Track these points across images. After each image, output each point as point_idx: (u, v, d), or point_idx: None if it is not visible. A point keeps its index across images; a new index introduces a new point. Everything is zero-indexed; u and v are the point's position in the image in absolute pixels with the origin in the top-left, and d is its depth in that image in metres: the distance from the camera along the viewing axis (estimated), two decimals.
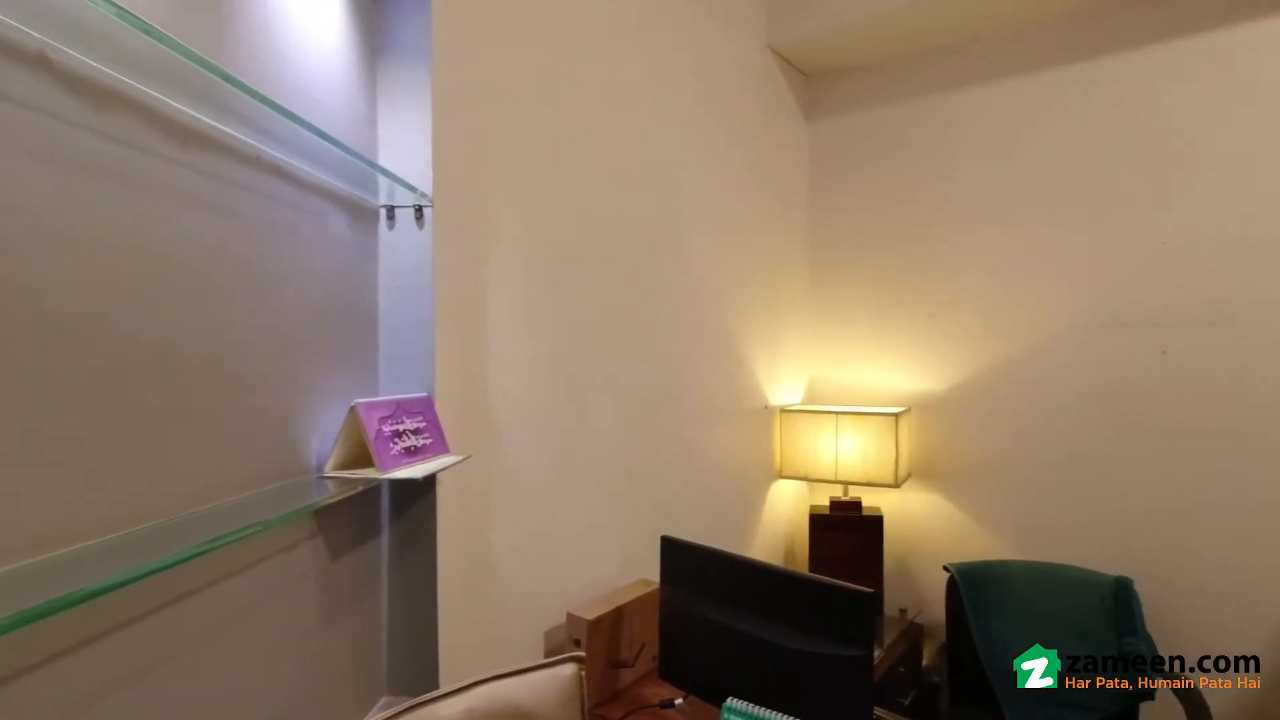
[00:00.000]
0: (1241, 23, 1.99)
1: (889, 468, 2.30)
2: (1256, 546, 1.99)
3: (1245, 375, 2.00)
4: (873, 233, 2.62)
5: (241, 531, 0.90)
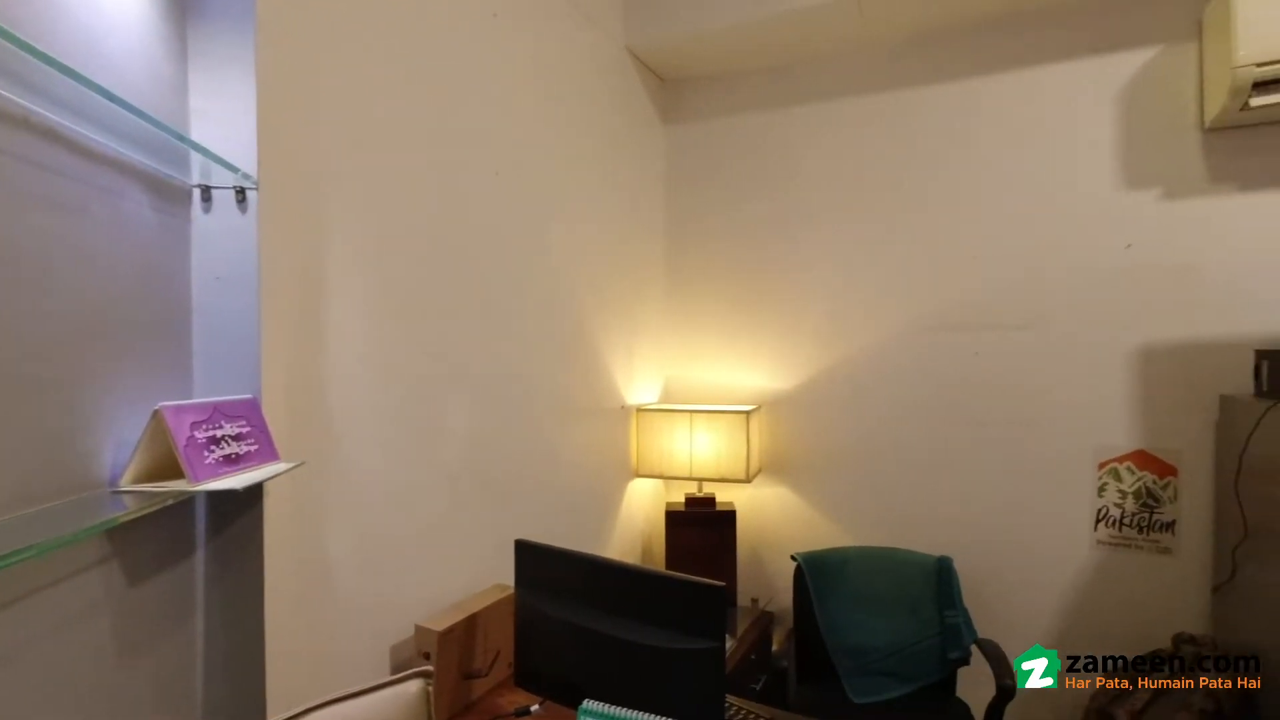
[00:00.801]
0: (1029, 67, 2.27)
1: (741, 464, 2.39)
2: (1052, 523, 2.26)
3: (1040, 374, 2.27)
4: (726, 237, 2.72)
5: (7, 558, 0.76)
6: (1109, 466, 2.18)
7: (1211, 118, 2.00)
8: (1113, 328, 2.17)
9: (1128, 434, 2.16)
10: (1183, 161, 2.10)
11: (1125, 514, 2.16)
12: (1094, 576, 2.21)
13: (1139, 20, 2.13)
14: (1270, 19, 1.79)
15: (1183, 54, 2.09)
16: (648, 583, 1.42)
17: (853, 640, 2.21)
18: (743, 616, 2.40)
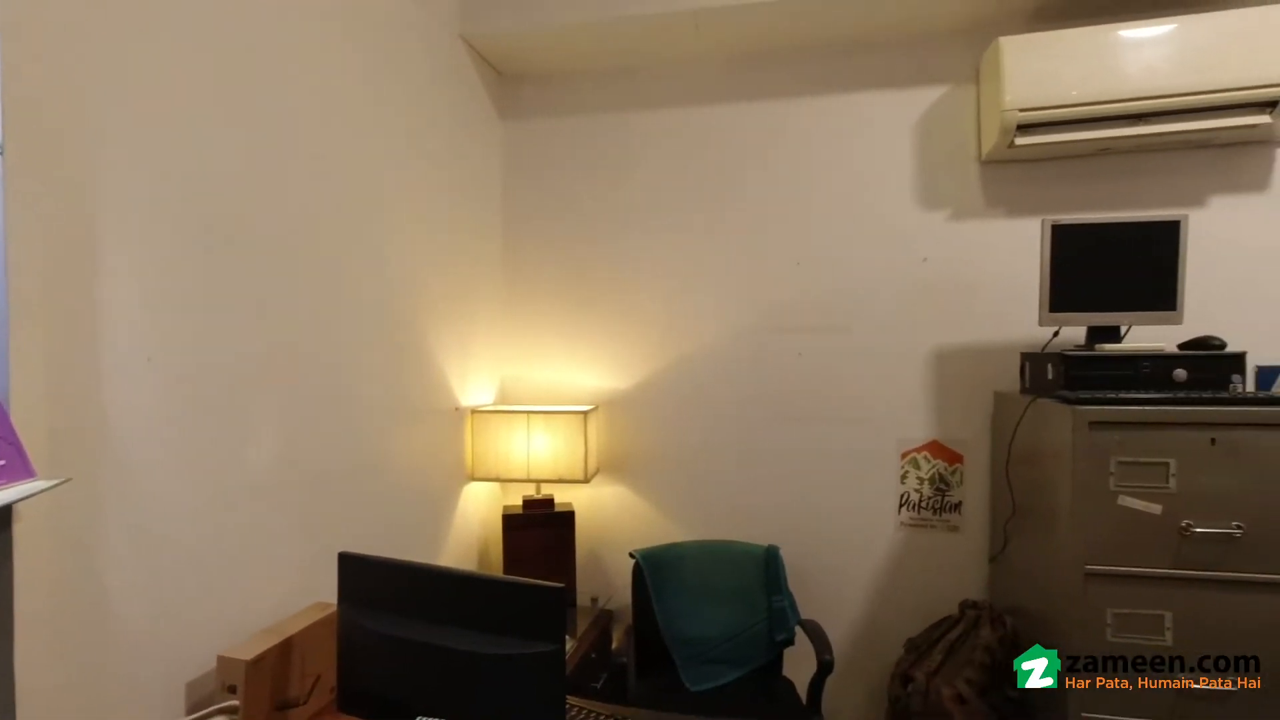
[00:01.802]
0: (846, 93, 2.48)
1: (579, 464, 2.38)
2: (864, 509, 2.48)
3: (854, 373, 2.48)
4: (565, 237, 2.70)
5: None
6: (910, 456, 2.44)
7: (986, 151, 2.30)
8: (912, 332, 2.43)
9: (925, 427, 2.43)
10: (965, 188, 2.40)
11: (923, 498, 2.43)
12: (898, 555, 2.45)
13: (930, 61, 2.41)
14: (1031, 73, 2.09)
15: (965, 94, 2.39)
16: (484, 589, 1.36)
17: (689, 631, 2.28)
18: (582, 616, 2.39)
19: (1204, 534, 1.69)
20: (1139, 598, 1.73)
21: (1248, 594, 1.68)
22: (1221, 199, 2.23)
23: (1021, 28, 2.25)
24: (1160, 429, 1.73)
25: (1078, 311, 1.98)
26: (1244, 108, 2.01)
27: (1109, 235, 1.97)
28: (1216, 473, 1.69)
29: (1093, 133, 2.10)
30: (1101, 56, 2.05)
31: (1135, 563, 1.73)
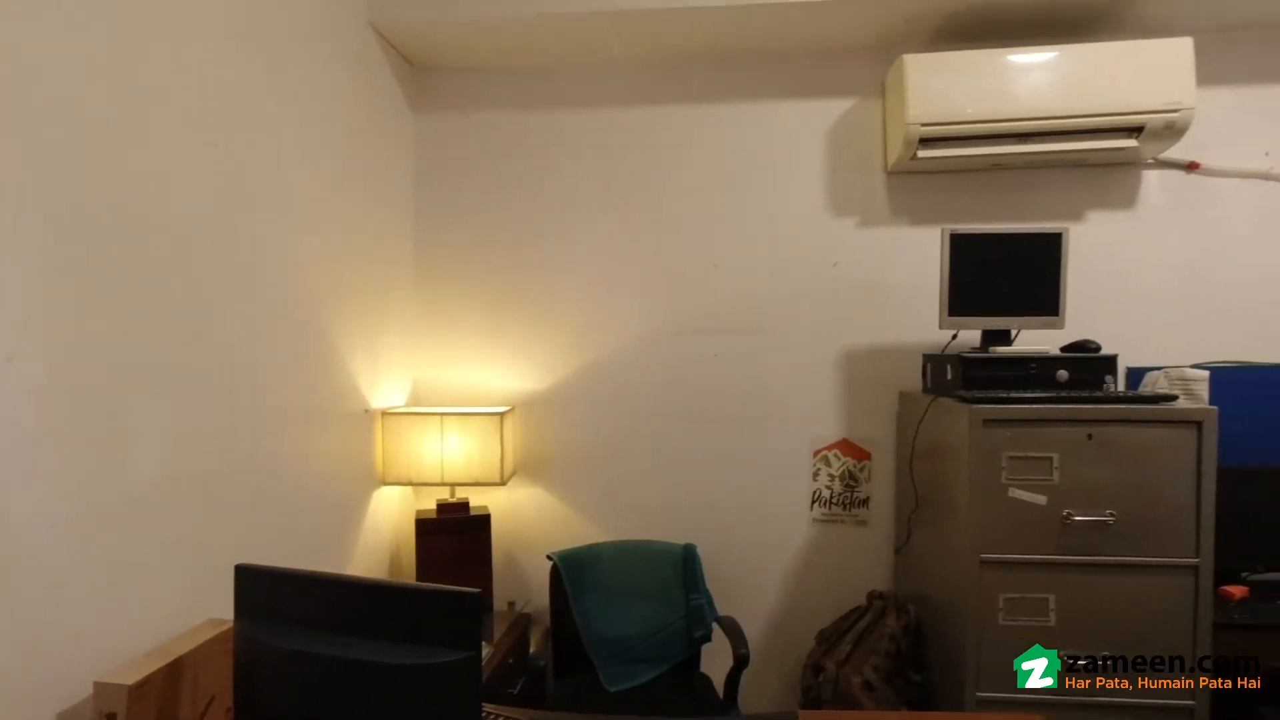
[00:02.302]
0: (762, 100, 2.54)
1: (495, 466, 2.33)
2: (778, 507, 2.54)
3: (768, 374, 2.54)
4: (482, 235, 2.64)
5: None
6: (821, 454, 2.52)
7: (892, 162, 2.42)
8: (824, 334, 2.52)
9: (835, 425, 2.52)
10: (873, 196, 2.51)
11: (833, 494, 2.52)
12: (811, 550, 2.53)
13: (840, 74, 2.50)
14: (932, 90, 2.21)
15: (872, 107, 2.50)
16: (395, 597, 1.31)
17: (608, 631, 2.27)
18: (499, 621, 2.34)
19: (1082, 522, 1.83)
20: (1027, 582, 1.86)
21: (1118, 575, 1.83)
22: (1097, 214, 2.43)
23: (924, 47, 2.37)
24: (1045, 426, 1.86)
25: (974, 316, 2.11)
26: (1114, 132, 2.19)
27: (1001, 245, 2.11)
28: (1092, 465, 1.84)
29: (986, 149, 2.24)
30: (994, 78, 2.19)
31: (1023, 550, 1.86)
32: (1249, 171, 2.38)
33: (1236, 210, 2.39)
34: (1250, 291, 2.39)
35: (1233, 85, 2.37)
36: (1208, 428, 1.80)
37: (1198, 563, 1.81)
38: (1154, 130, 2.16)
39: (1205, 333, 2.39)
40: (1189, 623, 1.81)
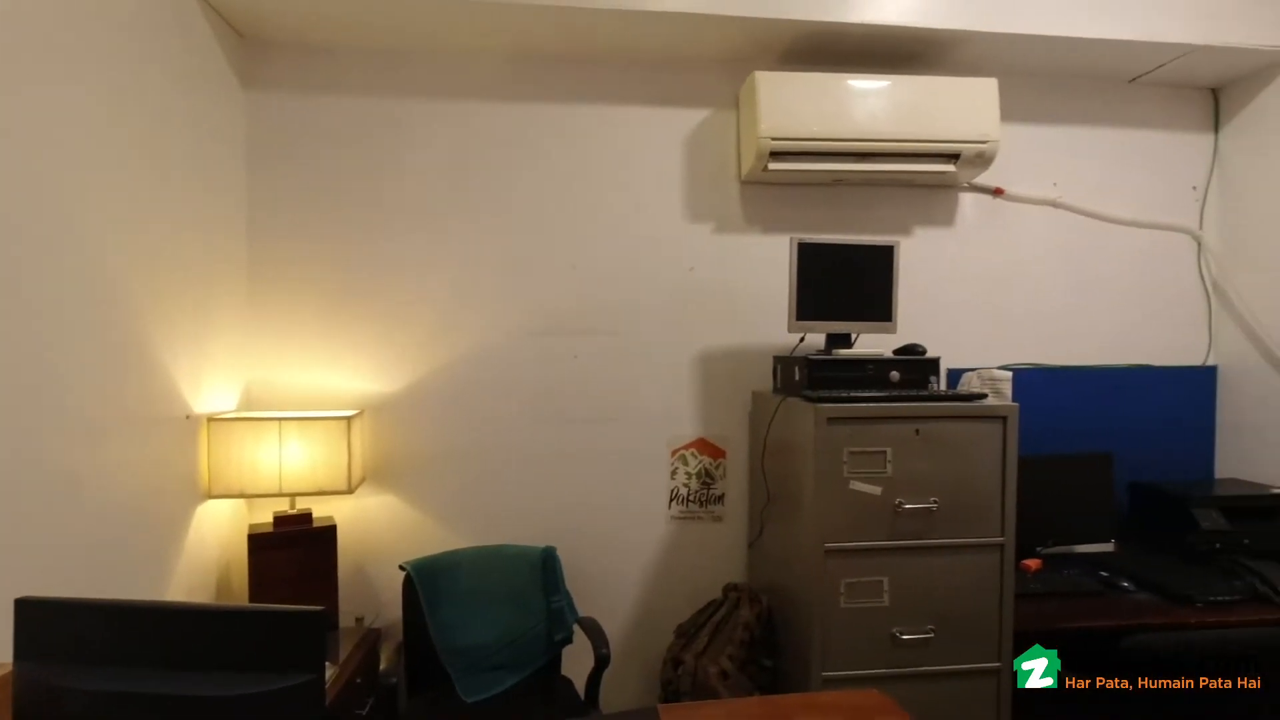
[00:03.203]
0: (623, 105, 2.56)
1: (342, 474, 2.18)
2: (637, 506, 2.58)
3: (627, 375, 2.57)
4: (327, 228, 2.45)
5: None
6: (679, 453, 2.59)
7: (745, 172, 2.53)
8: (681, 336, 2.59)
9: (692, 425, 2.60)
10: (728, 204, 2.62)
11: (690, 492, 2.60)
12: (669, 547, 2.59)
13: (697, 85, 2.59)
14: (782, 106, 2.34)
15: (727, 118, 2.61)
16: (223, 622, 1.18)
17: (465, 641, 2.19)
18: (346, 639, 2.19)
19: (911, 510, 2.01)
20: (864, 567, 2.01)
21: (941, 556, 2.03)
22: (923, 230, 2.69)
23: (774, 65, 2.51)
24: (880, 422, 2.02)
25: (819, 320, 2.25)
26: (936, 157, 2.43)
27: (843, 255, 2.27)
28: (920, 458, 2.03)
29: (829, 165, 2.41)
30: (836, 100, 2.36)
31: (862, 538, 2.01)
32: (1041, 199, 2.74)
33: (1032, 232, 2.75)
34: (1042, 302, 2.76)
35: (1029, 123, 2.72)
36: (1011, 422, 2.04)
37: (1003, 541, 2.05)
38: (968, 158, 2.42)
39: (1009, 337, 2.73)
40: (996, 594, 2.04)
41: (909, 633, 2.01)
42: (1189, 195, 2.86)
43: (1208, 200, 2.86)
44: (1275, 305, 2.65)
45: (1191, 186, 2.86)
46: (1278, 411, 2.63)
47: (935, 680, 2.02)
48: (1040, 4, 2.38)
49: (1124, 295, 2.81)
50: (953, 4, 2.34)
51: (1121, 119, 2.81)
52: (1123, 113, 2.80)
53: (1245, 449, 2.75)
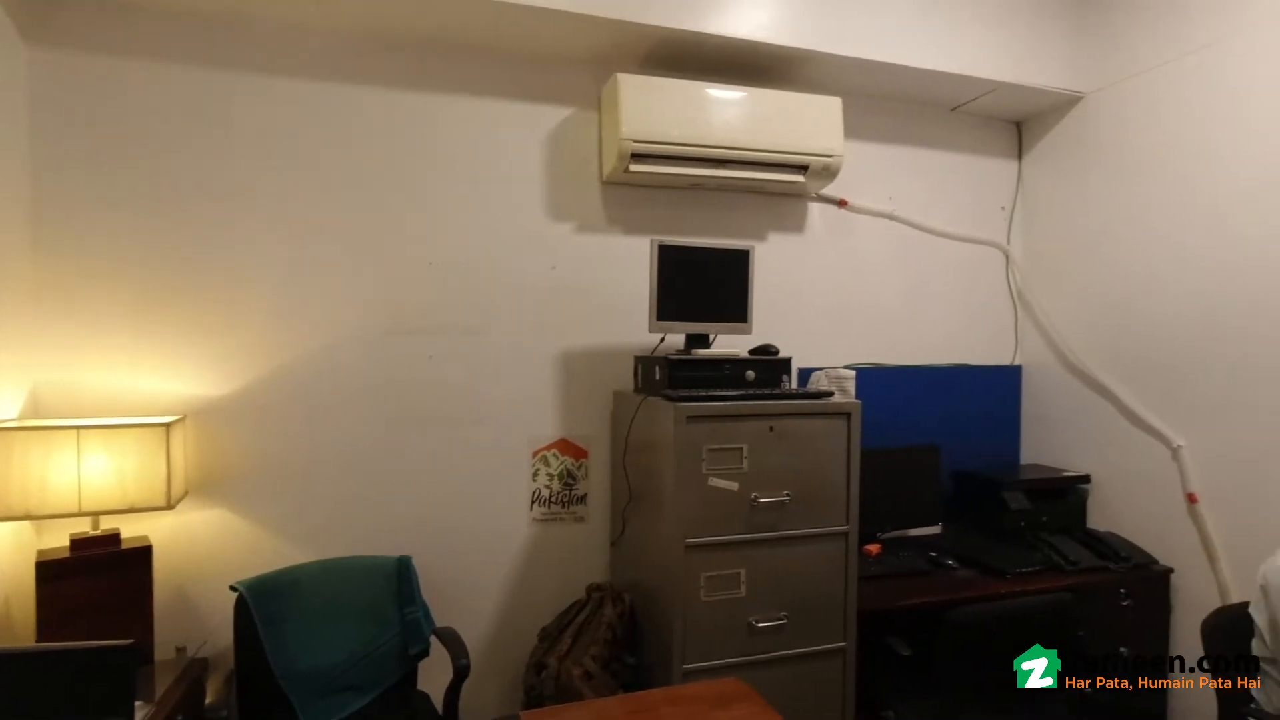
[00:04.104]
0: (482, 97, 2.48)
1: (159, 488, 1.93)
2: (498, 509, 2.50)
3: (486, 375, 2.49)
4: (138, 209, 2.16)
5: None
6: (541, 454, 2.55)
7: (607, 173, 2.54)
8: (542, 335, 2.55)
9: (554, 425, 2.56)
10: (589, 204, 2.61)
11: (553, 493, 2.56)
12: (532, 550, 2.54)
13: (561, 83, 2.56)
14: (643, 110, 2.37)
15: (590, 118, 2.60)
16: (6, 668, 1.01)
17: (309, 663, 2.02)
18: (164, 673, 1.94)
19: (766, 503, 2.10)
20: (723, 560, 2.08)
21: (793, 546, 2.14)
22: (776, 236, 2.83)
23: (636, 68, 2.54)
24: (737, 420, 2.09)
25: (679, 321, 2.30)
26: (787, 167, 2.57)
27: (701, 257, 2.33)
28: (773, 453, 2.12)
29: (688, 169, 2.46)
30: (696, 107, 2.43)
31: (720, 532, 2.07)
32: (879, 211, 2.98)
33: (872, 241, 2.97)
34: (881, 306, 2.99)
35: (869, 141, 2.94)
36: (855, 418, 2.19)
37: (848, 529, 2.19)
38: (816, 170, 2.57)
39: (853, 338, 2.93)
40: (842, 579, 2.18)
41: (764, 620, 2.09)
42: (999, 214, 3.22)
43: (1014, 219, 3.23)
44: (1066, 312, 3.05)
45: (1001, 206, 3.23)
46: (1068, 405, 3.02)
47: (788, 663, 2.13)
48: (880, 33, 2.59)
49: (948, 301, 3.11)
50: (803, 25, 2.49)
51: (945, 143, 3.11)
52: (946, 138, 3.11)
53: (1044, 438, 3.14)
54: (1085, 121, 2.96)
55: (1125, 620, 2.54)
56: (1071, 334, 3.01)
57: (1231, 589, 2.43)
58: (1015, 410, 3.22)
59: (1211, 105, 2.48)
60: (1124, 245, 2.80)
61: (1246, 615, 1.83)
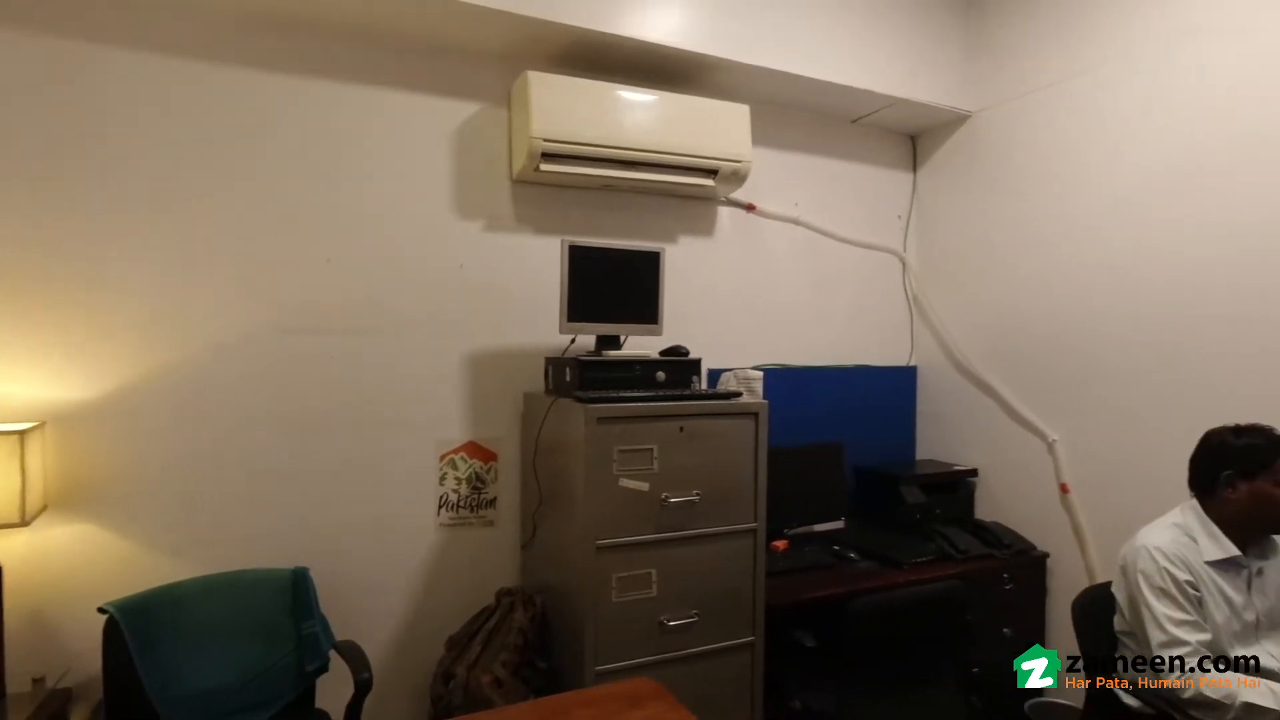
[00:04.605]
0: (384, 88, 2.39)
1: (11, 502, 1.75)
2: (403, 516, 2.41)
3: (391, 376, 2.39)
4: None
5: None
6: (448, 458, 2.47)
7: (517, 171, 2.50)
8: (450, 335, 2.47)
9: (462, 428, 2.49)
10: (499, 202, 2.56)
11: (461, 497, 2.49)
12: (439, 556, 2.46)
13: (470, 78, 2.50)
14: (554, 109, 2.34)
15: (499, 115, 2.55)
16: None
17: (194, 686, 1.88)
18: (17, 707, 1.75)
19: (676, 503, 2.11)
20: (634, 561, 2.07)
21: (703, 544, 2.16)
22: (687, 239, 2.87)
23: (547, 66, 2.51)
24: (648, 421, 2.10)
25: (590, 322, 2.29)
26: (698, 171, 2.60)
27: (612, 259, 2.33)
28: (683, 453, 2.14)
29: (599, 170, 2.45)
30: (607, 108, 2.42)
31: (631, 532, 2.07)
32: (785, 217, 3.07)
33: (777, 245, 3.06)
34: (788, 308, 3.09)
35: (776, 149, 3.03)
36: (762, 418, 2.24)
37: (756, 526, 2.23)
38: (725, 175, 2.62)
39: (760, 340, 3.01)
40: (750, 575, 2.22)
41: (675, 619, 2.11)
42: (896, 222, 3.39)
43: (910, 227, 3.41)
44: (956, 316, 3.24)
45: (898, 215, 3.39)
46: (958, 403, 3.21)
47: (699, 660, 2.15)
48: (788, 45, 2.67)
49: (849, 304, 3.25)
50: (714, 32, 2.53)
51: (847, 153, 3.24)
52: (847, 148, 3.24)
53: (937, 434, 3.32)
54: (973, 138, 3.16)
55: (1008, 602, 2.72)
56: (961, 336, 3.20)
57: (1098, 570, 2.64)
58: (911, 408, 3.39)
59: (1082, 127, 2.70)
60: (1006, 254, 3.00)
61: (1110, 594, 2.00)
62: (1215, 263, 2.31)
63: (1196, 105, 2.35)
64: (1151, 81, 2.48)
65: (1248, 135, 2.23)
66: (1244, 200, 2.24)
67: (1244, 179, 2.24)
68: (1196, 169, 2.35)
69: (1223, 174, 2.29)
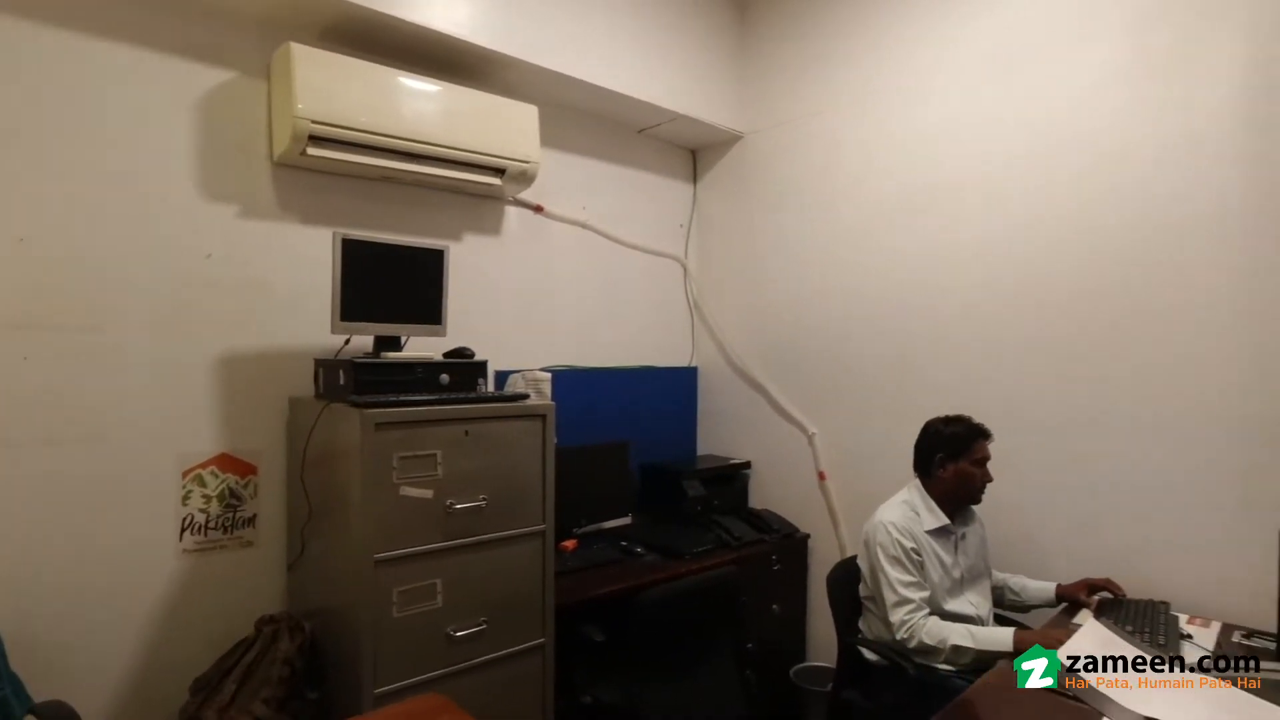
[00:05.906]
0: (102, 37, 2.03)
1: None
2: (132, 545, 2.05)
3: (114, 382, 2.02)
4: None
5: None
6: (193, 474, 2.15)
7: (279, 154, 2.25)
8: (195, 333, 2.15)
9: (211, 439, 2.18)
10: (256, 187, 2.28)
11: (210, 518, 2.17)
12: (183, 587, 2.12)
13: (218, 42, 2.19)
14: (323, 88, 2.15)
15: (257, 87, 2.27)
16: None
17: None
18: None
19: (462, 509, 2.04)
20: (417, 572, 1.96)
21: (491, 550, 2.11)
22: (472, 237, 2.78)
23: (312, 40, 2.27)
24: (431, 425, 2.00)
25: (366, 321, 2.13)
26: (484, 169, 2.54)
27: (392, 255, 2.19)
28: (469, 458, 2.07)
29: (376, 160, 2.29)
30: (386, 95, 2.28)
31: (414, 543, 1.96)
32: (574, 220, 3.10)
33: (567, 247, 3.09)
34: (576, 310, 3.13)
35: (564, 151, 3.06)
36: (549, 419, 2.24)
37: (544, 528, 2.23)
38: (513, 175, 2.59)
39: (548, 341, 3.01)
40: (539, 577, 2.21)
41: (463, 629, 2.03)
42: (679, 230, 3.59)
43: (690, 235, 3.62)
44: (730, 320, 3.51)
45: (680, 224, 3.59)
46: (734, 400, 3.47)
47: (490, 668, 2.09)
48: (577, 50, 2.71)
49: (635, 307, 3.37)
50: (501, 28, 2.49)
51: (633, 162, 3.37)
52: (634, 157, 3.37)
53: (716, 430, 3.56)
54: (744, 156, 3.44)
55: (776, 581, 2.99)
56: (735, 339, 3.47)
57: (848, 546, 3.01)
58: (693, 406, 3.61)
59: (831, 157, 3.07)
60: (771, 265, 3.31)
61: (856, 566, 2.29)
62: (930, 281, 2.75)
63: (907, 152, 2.82)
64: (877, 128, 2.91)
65: (945, 181, 2.71)
66: (947, 229, 2.69)
67: (946, 213, 2.71)
68: (908, 204, 2.81)
69: (928, 211, 2.76)
